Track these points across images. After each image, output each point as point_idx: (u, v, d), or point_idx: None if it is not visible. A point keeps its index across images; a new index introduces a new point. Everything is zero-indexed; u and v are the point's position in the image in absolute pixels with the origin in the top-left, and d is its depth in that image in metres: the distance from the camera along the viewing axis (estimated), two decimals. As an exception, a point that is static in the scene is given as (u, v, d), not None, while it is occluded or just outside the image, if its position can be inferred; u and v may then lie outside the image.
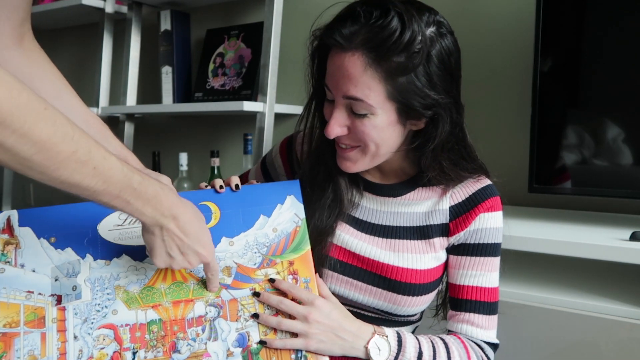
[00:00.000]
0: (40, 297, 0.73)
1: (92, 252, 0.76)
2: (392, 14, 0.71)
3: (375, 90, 0.74)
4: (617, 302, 1.04)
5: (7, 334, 0.70)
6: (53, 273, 0.74)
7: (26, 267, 0.74)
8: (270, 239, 0.82)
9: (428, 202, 0.88)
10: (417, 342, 0.80)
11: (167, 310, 0.75)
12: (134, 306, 0.74)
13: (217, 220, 0.82)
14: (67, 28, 2.59)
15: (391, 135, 0.79)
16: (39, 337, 0.71)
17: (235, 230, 0.81)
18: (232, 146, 2.06)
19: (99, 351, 0.72)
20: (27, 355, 0.70)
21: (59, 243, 0.76)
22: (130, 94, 2.10)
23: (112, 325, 0.73)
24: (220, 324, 0.76)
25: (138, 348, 0.73)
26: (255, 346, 0.75)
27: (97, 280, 0.75)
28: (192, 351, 0.74)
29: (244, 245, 0.81)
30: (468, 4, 1.55)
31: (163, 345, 0.73)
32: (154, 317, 0.74)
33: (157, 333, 0.74)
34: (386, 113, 0.76)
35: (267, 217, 0.83)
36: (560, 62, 1.21)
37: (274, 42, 1.67)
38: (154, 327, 0.74)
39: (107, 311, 0.74)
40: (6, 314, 0.71)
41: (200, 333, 0.75)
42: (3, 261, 0.73)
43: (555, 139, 1.21)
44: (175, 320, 0.75)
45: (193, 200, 0.79)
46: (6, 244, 0.74)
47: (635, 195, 1.15)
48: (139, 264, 0.77)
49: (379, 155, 0.82)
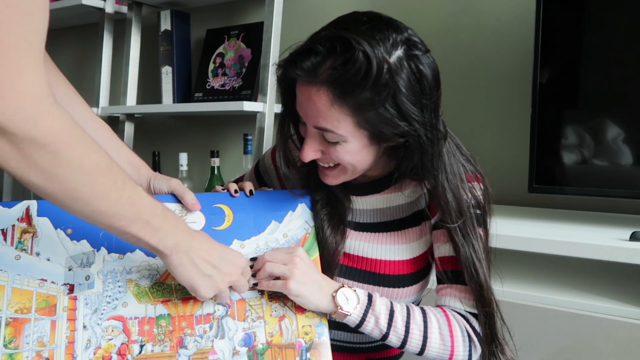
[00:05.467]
0: (52, 286, 0.74)
1: (106, 245, 0.77)
2: (355, 49, 0.68)
3: (343, 122, 0.73)
4: (617, 302, 1.04)
5: (18, 320, 0.72)
6: (67, 263, 0.75)
7: (41, 256, 0.75)
8: (281, 244, 0.84)
9: (407, 190, 0.89)
10: (389, 303, 0.81)
11: (177, 306, 0.76)
12: (144, 300, 0.76)
13: (230, 222, 0.84)
14: (67, 28, 2.59)
15: (366, 156, 0.79)
16: (49, 324, 0.72)
17: (246, 233, 0.84)
18: (232, 146, 2.06)
19: (107, 342, 0.73)
20: (36, 342, 0.71)
21: (75, 234, 0.77)
22: (130, 94, 2.10)
23: (121, 317, 0.74)
24: (227, 322, 0.77)
25: (146, 341, 0.74)
26: (261, 346, 0.76)
27: (110, 273, 0.76)
28: (199, 347, 0.75)
29: (255, 248, 0.83)
30: (468, 4, 1.55)
31: (170, 340, 0.74)
32: (163, 312, 0.75)
33: (165, 328, 0.75)
34: (357, 139, 0.75)
35: (279, 223, 0.85)
36: (560, 62, 1.21)
37: (274, 42, 1.67)
38: (162, 322, 0.75)
39: (118, 303, 0.75)
40: (19, 300, 0.72)
41: (208, 330, 0.76)
42: (19, 248, 0.75)
43: (555, 139, 1.21)
44: (183, 316, 0.76)
45: (208, 201, 0.82)
46: (24, 232, 0.76)
47: (635, 195, 1.15)
48: (151, 260, 0.78)
49: (357, 171, 0.82)
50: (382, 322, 0.79)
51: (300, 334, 0.79)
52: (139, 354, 0.73)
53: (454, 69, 1.55)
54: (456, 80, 1.55)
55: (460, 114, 1.55)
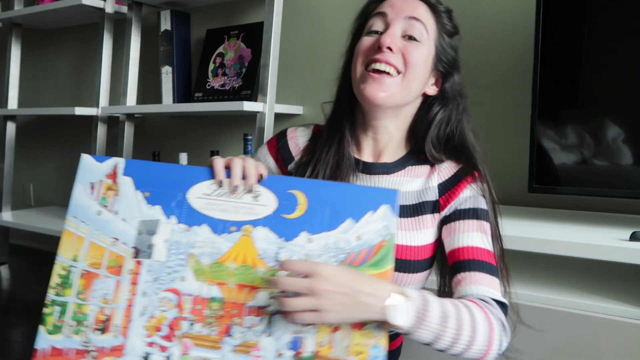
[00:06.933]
0: (123, 246, 0.77)
1: (177, 214, 0.78)
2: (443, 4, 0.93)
3: (429, 25, 0.89)
4: (617, 302, 1.04)
5: (90, 273, 0.76)
6: (139, 226, 0.78)
7: (118, 215, 0.78)
8: (351, 247, 0.75)
9: (418, 180, 0.92)
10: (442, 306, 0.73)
11: (231, 291, 0.75)
12: (201, 278, 0.75)
13: (303, 212, 0.77)
14: (67, 28, 2.59)
15: (423, 73, 0.89)
16: (114, 283, 0.75)
17: (317, 227, 0.76)
18: (232, 146, 2.06)
19: (160, 312, 0.74)
20: (101, 298, 0.75)
21: (152, 199, 0.79)
22: (130, 94, 2.10)
23: (177, 291, 0.75)
24: (278, 320, 0.73)
25: (195, 321, 0.74)
26: (307, 354, 0.71)
27: (175, 244, 0.77)
28: (244, 340, 0.73)
29: (323, 245, 0.76)
30: (468, 4, 1.55)
31: (219, 325, 0.73)
32: (216, 294, 0.75)
33: (216, 311, 0.74)
34: (428, 49, 0.89)
35: (355, 222, 0.76)
36: (560, 62, 1.21)
37: (274, 42, 1.67)
38: (214, 305, 0.74)
39: (176, 276, 0.75)
40: (94, 255, 0.77)
41: (257, 324, 0.73)
42: (102, 204, 0.79)
43: (555, 139, 1.21)
44: (235, 303, 0.74)
45: (282, 186, 0.79)
46: (108, 189, 0.79)
47: (635, 195, 1.15)
48: (215, 237, 0.77)
49: (409, 91, 0.89)
50: (434, 329, 0.71)
51: (352, 352, 0.71)
52: (187, 332, 0.73)
53: (454, 69, 1.55)
54: (456, 80, 1.55)
55: (460, 114, 1.55)
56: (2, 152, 2.49)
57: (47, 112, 2.23)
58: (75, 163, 0.81)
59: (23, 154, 2.75)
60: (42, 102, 2.74)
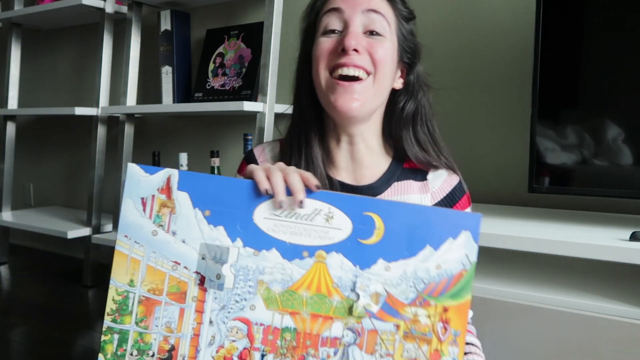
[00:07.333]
0: (185, 271, 0.71)
1: (243, 237, 0.72)
2: None
3: (389, 16, 0.84)
4: (617, 302, 1.04)
5: (150, 300, 0.71)
6: (201, 250, 0.72)
7: (177, 236, 0.72)
8: (431, 276, 0.71)
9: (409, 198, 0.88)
10: None
11: (304, 322, 0.71)
12: (273, 307, 0.71)
13: (380, 237, 0.72)
14: (67, 28, 2.59)
15: (391, 68, 0.84)
16: (177, 311, 0.70)
17: (395, 254, 0.71)
18: (232, 146, 2.06)
19: (230, 343, 0.70)
20: (164, 326, 0.70)
21: (213, 218, 0.72)
22: (130, 94, 2.10)
23: (247, 320, 0.70)
24: (354, 352, 0.70)
25: (268, 351, 0.70)
26: None
27: (242, 269, 0.71)
28: None
29: (401, 274, 0.71)
30: (468, 4, 1.55)
31: (292, 356, 0.70)
32: (289, 324, 0.71)
33: (289, 342, 0.70)
34: (392, 42, 0.84)
35: (434, 250, 0.71)
36: (560, 61, 1.21)
37: (274, 42, 1.67)
38: (287, 335, 0.71)
39: (246, 304, 0.71)
40: (152, 280, 0.71)
41: (332, 355, 0.70)
42: (157, 223, 0.72)
43: (555, 139, 1.21)
44: (310, 334, 0.71)
45: (356, 207, 0.72)
46: (162, 206, 0.72)
47: (635, 195, 1.15)
48: (286, 263, 0.71)
49: (381, 92, 0.84)
50: None
51: None
52: None
53: (454, 69, 1.55)
54: (456, 80, 1.55)
55: (460, 114, 1.55)
56: (2, 152, 2.49)
57: (47, 112, 2.23)
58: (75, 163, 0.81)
59: (23, 154, 2.75)
60: (42, 102, 2.74)
